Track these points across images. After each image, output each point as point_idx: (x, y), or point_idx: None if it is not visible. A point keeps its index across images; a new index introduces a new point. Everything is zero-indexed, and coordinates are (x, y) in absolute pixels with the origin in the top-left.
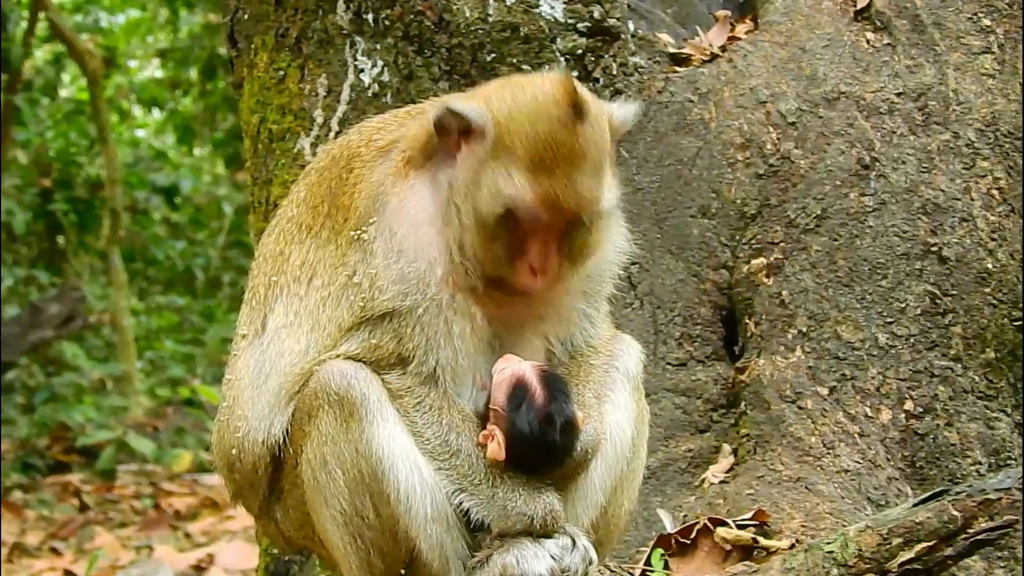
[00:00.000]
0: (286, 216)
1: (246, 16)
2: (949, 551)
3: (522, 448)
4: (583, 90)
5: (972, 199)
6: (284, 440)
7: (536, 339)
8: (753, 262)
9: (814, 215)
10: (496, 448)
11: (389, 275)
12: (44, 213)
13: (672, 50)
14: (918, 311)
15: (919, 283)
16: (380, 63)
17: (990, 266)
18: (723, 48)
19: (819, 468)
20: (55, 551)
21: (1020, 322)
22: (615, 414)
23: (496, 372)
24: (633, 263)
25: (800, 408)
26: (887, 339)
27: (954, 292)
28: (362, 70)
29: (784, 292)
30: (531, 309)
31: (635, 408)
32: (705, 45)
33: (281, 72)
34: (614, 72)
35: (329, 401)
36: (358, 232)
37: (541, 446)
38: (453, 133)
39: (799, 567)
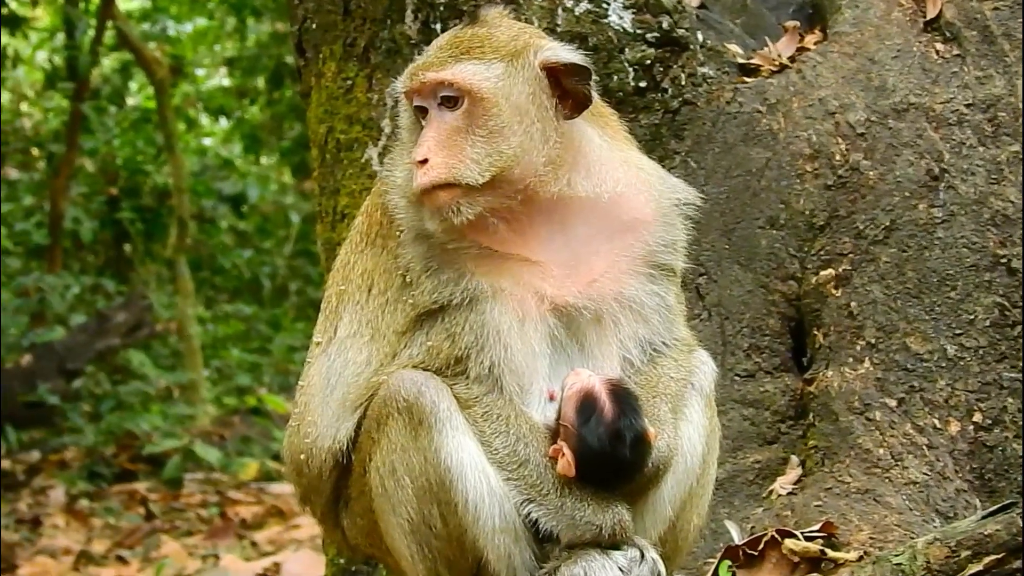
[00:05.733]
0: (354, 225)
1: (314, 25)
2: (1018, 564)
3: (591, 464)
4: None
5: None
6: (348, 447)
7: (612, 344)
8: (821, 273)
9: (883, 226)
10: (566, 464)
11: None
12: (111, 221)
13: (741, 61)
14: (987, 323)
15: (988, 295)
16: None
17: None
18: (792, 59)
19: (887, 480)
20: (121, 559)
21: None
22: (687, 429)
23: (566, 387)
24: (701, 274)
25: (868, 420)
26: (956, 351)
27: (1023, 304)
28: None
29: (852, 303)
30: (599, 289)
31: (707, 424)
32: (774, 56)
33: (349, 82)
34: (683, 83)
35: (399, 409)
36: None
37: (611, 462)
38: None
39: None
